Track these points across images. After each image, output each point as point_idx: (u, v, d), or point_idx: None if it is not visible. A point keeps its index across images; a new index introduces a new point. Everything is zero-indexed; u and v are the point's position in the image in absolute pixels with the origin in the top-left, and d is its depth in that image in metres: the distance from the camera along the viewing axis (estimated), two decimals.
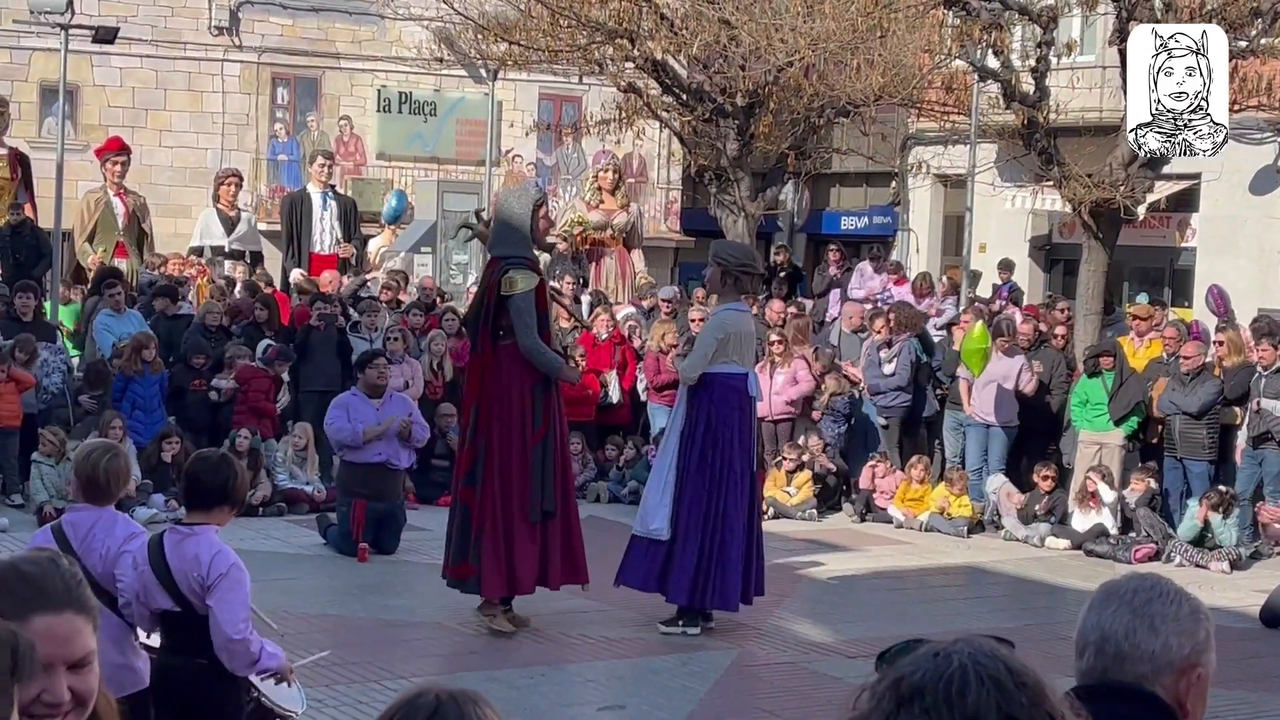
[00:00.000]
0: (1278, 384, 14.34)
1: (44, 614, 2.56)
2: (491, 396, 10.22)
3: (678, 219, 32.03)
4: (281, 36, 29.11)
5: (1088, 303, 16.93)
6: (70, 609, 2.57)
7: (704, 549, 10.28)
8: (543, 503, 10.19)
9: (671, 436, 10.64)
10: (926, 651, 1.93)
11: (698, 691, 9.13)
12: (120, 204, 19.05)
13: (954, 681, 1.87)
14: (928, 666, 1.90)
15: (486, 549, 10.10)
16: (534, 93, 30.25)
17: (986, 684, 1.86)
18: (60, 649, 2.54)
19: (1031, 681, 1.89)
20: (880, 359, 16.23)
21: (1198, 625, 2.93)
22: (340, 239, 19.76)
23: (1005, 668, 1.89)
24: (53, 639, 2.54)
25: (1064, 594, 12.46)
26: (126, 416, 14.16)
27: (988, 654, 1.90)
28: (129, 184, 19.75)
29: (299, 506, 14.35)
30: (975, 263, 24.20)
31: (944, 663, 1.89)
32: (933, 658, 1.91)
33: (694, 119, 20.86)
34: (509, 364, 10.24)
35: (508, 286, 10.15)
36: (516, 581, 10.24)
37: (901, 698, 1.89)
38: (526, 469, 10.17)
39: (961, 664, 1.88)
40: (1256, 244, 23.42)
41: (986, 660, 1.89)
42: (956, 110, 23.56)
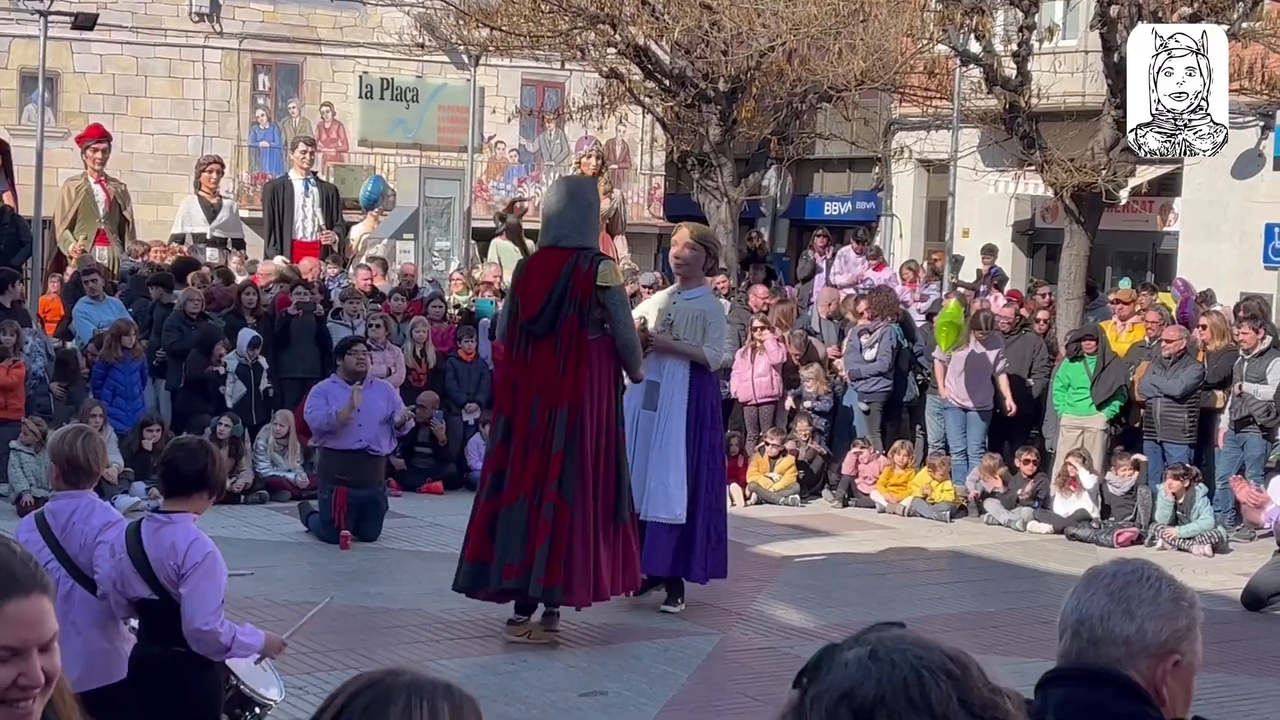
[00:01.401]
0: (1260, 368, 14.37)
1: (15, 599, 2.53)
2: (586, 395, 9.56)
3: (661, 205, 32.00)
4: (262, 23, 29.00)
5: (1070, 287, 16.95)
6: (37, 590, 2.56)
7: (710, 528, 10.58)
8: (629, 506, 9.89)
9: (675, 421, 10.56)
10: (858, 658, 1.86)
11: (680, 677, 9.13)
12: (101, 191, 18.97)
13: (911, 685, 1.81)
14: (875, 674, 1.84)
15: (577, 558, 9.47)
16: (516, 78, 30.18)
17: (940, 678, 1.82)
18: (33, 632, 2.53)
19: (972, 663, 1.87)
20: (861, 344, 16.23)
21: (1178, 612, 2.91)
22: (322, 226, 19.71)
23: (945, 656, 1.85)
24: (25, 623, 2.53)
25: (1045, 578, 12.48)
26: (107, 404, 14.12)
27: (924, 646, 1.85)
28: (110, 171, 19.67)
29: (281, 494, 14.32)
30: (958, 247, 24.25)
31: (890, 667, 1.84)
32: (873, 664, 1.84)
33: (676, 104, 20.83)
34: (604, 361, 9.70)
35: (608, 277, 9.64)
36: (600, 590, 9.68)
37: (858, 711, 1.82)
38: (614, 471, 9.72)
39: (910, 664, 1.83)
40: (1239, 228, 23.46)
41: (927, 654, 1.84)
42: (939, 95, 23.57)
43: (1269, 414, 14.25)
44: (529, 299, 9.68)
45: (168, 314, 15.65)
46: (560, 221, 9.76)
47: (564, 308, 9.55)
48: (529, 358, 9.67)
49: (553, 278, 9.60)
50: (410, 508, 14.15)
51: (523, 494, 9.56)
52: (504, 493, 9.61)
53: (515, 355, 9.78)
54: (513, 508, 9.57)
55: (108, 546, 5.91)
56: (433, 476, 15.29)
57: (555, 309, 9.58)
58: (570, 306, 9.55)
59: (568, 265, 9.57)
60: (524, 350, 9.70)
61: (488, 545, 9.66)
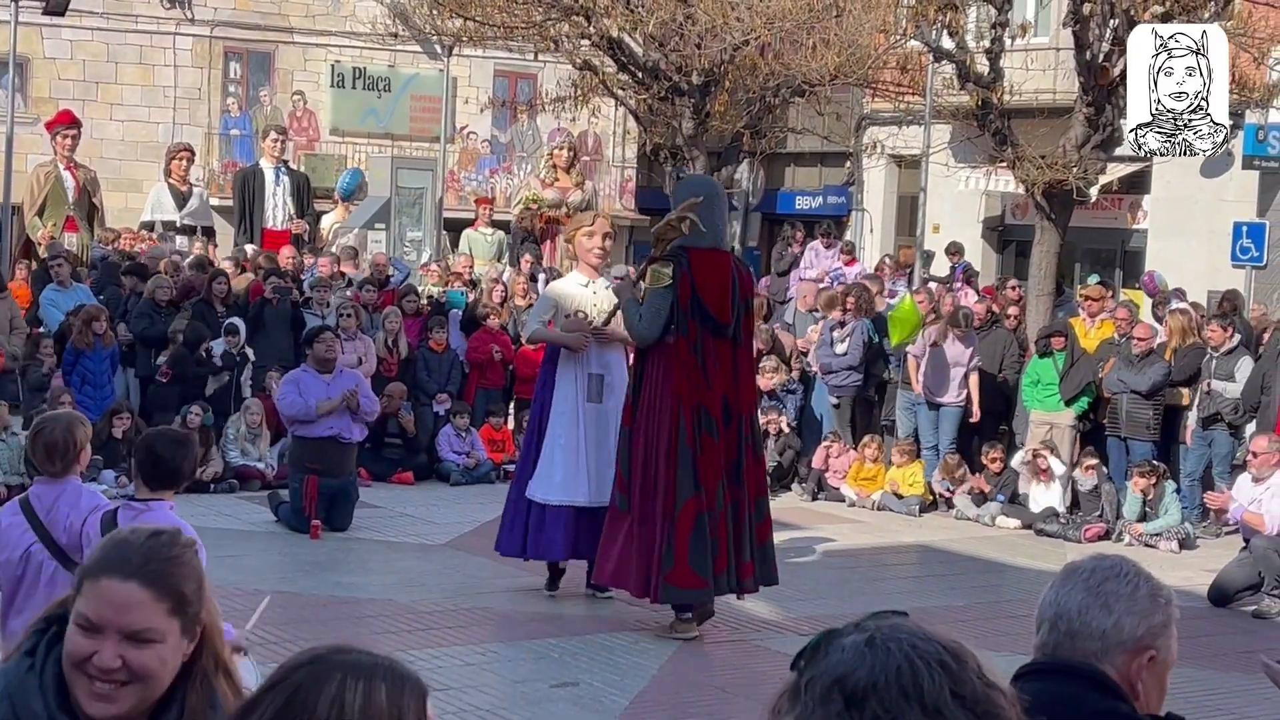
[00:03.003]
0: (1228, 365, 14.46)
1: (112, 577, 2.64)
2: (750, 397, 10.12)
3: (632, 197, 32.00)
4: (234, 10, 28.89)
5: (1040, 284, 17.03)
6: (137, 580, 2.64)
7: None
8: None
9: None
10: (855, 644, 1.86)
11: (650, 668, 9.15)
12: (70, 178, 18.89)
13: (904, 673, 1.81)
14: (870, 661, 1.84)
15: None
16: (489, 69, 30.15)
17: (934, 669, 1.82)
18: (114, 613, 2.62)
19: (969, 656, 1.87)
20: (833, 338, 16.28)
21: (1155, 608, 2.94)
22: (293, 214, 19.68)
23: (942, 647, 1.85)
24: (110, 603, 2.62)
25: (1013, 573, 12.55)
26: (76, 391, 14.06)
27: (922, 637, 1.85)
28: (79, 158, 19.59)
29: (251, 483, 14.29)
30: (929, 243, 24.28)
31: (885, 655, 1.84)
32: (869, 651, 1.85)
33: (649, 97, 20.85)
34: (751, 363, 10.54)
35: None
36: None
37: (850, 697, 1.83)
38: None
39: (905, 653, 1.83)
40: (1207, 226, 23.57)
41: (924, 645, 1.84)
42: (911, 91, 23.60)
43: (1236, 411, 14.35)
44: (717, 300, 9.74)
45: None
46: (718, 223, 10.07)
47: (739, 311, 9.87)
48: (712, 355, 9.75)
49: (730, 280, 9.78)
50: (380, 498, 14.14)
51: (727, 494, 9.70)
52: (704, 495, 9.61)
53: (690, 351, 9.72)
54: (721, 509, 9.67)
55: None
56: (403, 467, 15.27)
57: (737, 313, 9.85)
58: (742, 309, 9.90)
59: (734, 269, 9.96)
60: (702, 347, 9.73)
61: (712, 550, 9.62)
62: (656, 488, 9.61)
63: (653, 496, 9.60)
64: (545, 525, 10.37)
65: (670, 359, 9.66)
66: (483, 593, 10.71)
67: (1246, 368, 14.37)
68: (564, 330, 10.41)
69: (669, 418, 9.60)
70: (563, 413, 10.38)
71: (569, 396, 10.39)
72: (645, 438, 9.67)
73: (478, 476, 15.24)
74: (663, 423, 9.62)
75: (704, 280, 9.69)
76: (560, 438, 10.36)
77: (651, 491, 9.62)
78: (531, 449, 10.62)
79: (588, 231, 10.66)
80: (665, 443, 9.59)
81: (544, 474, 10.39)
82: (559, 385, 10.43)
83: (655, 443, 9.64)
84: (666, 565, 9.54)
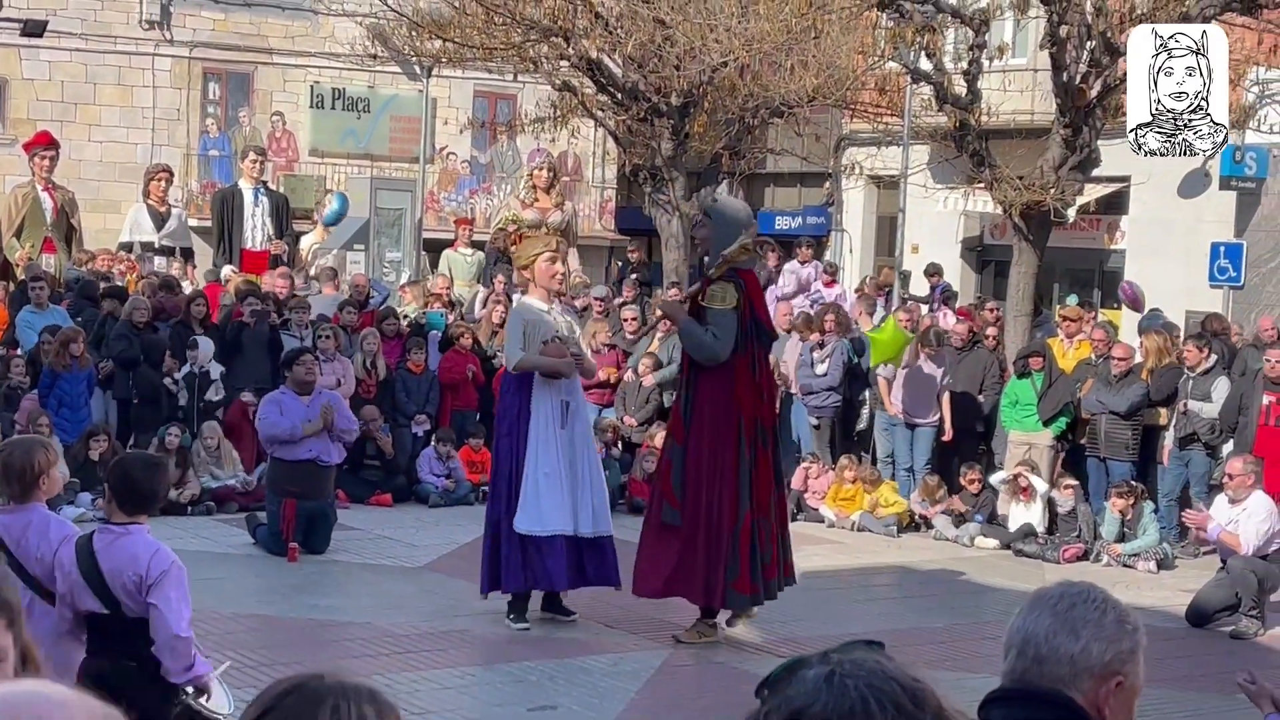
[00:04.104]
0: (1205, 386, 14.51)
1: None
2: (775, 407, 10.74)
3: (612, 218, 32.05)
4: (213, 31, 28.89)
5: (1018, 304, 17.07)
6: None
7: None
8: None
9: (591, 436, 10.94)
10: (816, 677, 1.88)
11: (628, 691, 9.13)
12: (49, 199, 18.84)
13: (856, 713, 1.83)
14: (825, 697, 1.85)
15: None
16: (469, 90, 30.18)
17: (888, 709, 1.83)
18: None
19: (930, 699, 1.88)
20: (813, 359, 16.30)
21: (1122, 634, 2.94)
22: (272, 235, 19.62)
23: (900, 688, 1.86)
24: None
25: (992, 594, 12.55)
26: (53, 414, 14.00)
27: (881, 675, 1.87)
28: (58, 179, 19.53)
29: (228, 505, 14.24)
30: (908, 263, 24.35)
31: (841, 692, 1.85)
32: (826, 685, 1.86)
33: (629, 118, 20.87)
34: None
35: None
36: None
37: None
38: None
39: (860, 692, 1.84)
40: (1185, 247, 23.67)
41: (882, 683, 1.85)
42: (890, 112, 23.70)
43: (1213, 432, 14.39)
44: (767, 315, 10.62)
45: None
46: (754, 245, 10.66)
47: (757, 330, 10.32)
48: (763, 369, 10.44)
49: (747, 302, 10.19)
50: (359, 520, 14.10)
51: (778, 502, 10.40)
52: (759, 505, 10.12)
53: (748, 368, 10.17)
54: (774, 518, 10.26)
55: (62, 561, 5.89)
56: (382, 489, 15.23)
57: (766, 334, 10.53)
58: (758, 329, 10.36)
59: None
60: (757, 363, 10.28)
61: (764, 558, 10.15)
62: (720, 500, 9.96)
63: (716, 509, 9.96)
64: (542, 556, 10.32)
65: (732, 376, 10.04)
66: (461, 615, 10.68)
67: (1223, 388, 14.41)
68: (544, 355, 10.40)
69: (733, 433, 9.99)
70: (544, 440, 10.33)
71: (548, 424, 10.36)
72: (705, 453, 10.02)
73: (456, 498, 15.21)
74: (727, 438, 9.99)
75: (757, 299, 10.36)
76: (544, 466, 10.30)
77: (715, 504, 9.96)
78: (505, 482, 10.41)
79: (550, 257, 10.67)
80: (730, 457, 9.98)
81: (530, 505, 10.28)
82: (536, 413, 10.35)
83: (719, 457, 9.99)
84: (733, 573, 9.99)
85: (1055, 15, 15.78)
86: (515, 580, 10.38)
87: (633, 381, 16.50)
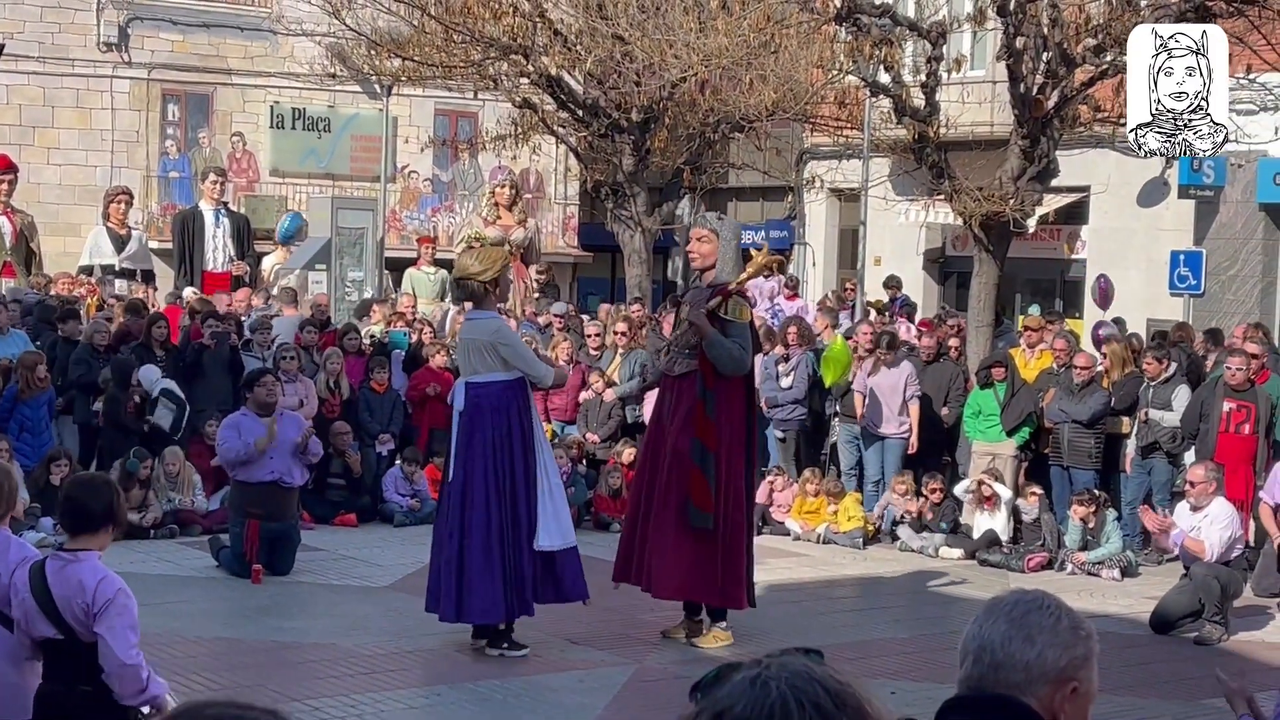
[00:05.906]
0: (1165, 394, 14.58)
1: None
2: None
3: (575, 234, 32.07)
4: (172, 52, 28.81)
5: (979, 315, 17.12)
6: None
7: None
8: None
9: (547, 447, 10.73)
10: (743, 680, 1.93)
11: (595, 708, 9.11)
12: (8, 223, 18.74)
13: (775, 712, 1.87)
14: (747, 697, 1.91)
15: None
16: (429, 108, 30.17)
17: (808, 710, 1.88)
18: None
19: (851, 701, 1.91)
20: (778, 372, 16.32)
21: (1076, 640, 2.96)
22: (233, 256, 19.56)
23: (823, 690, 1.90)
24: None
25: (958, 604, 12.56)
26: (14, 439, 13.91)
27: (805, 678, 1.91)
28: (16, 202, 19.43)
29: (191, 528, 14.15)
30: (870, 275, 24.42)
31: (763, 692, 1.90)
32: (750, 687, 1.92)
33: (590, 134, 20.91)
34: None
35: None
36: None
37: None
38: None
39: (781, 692, 1.89)
40: (1145, 255, 23.81)
41: (805, 685, 1.90)
42: (849, 125, 23.79)
43: (1174, 440, 14.47)
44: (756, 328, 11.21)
45: (73, 350, 15.41)
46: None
47: None
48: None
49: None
50: (323, 540, 14.04)
51: None
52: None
53: (751, 378, 10.91)
54: None
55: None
56: (346, 509, 15.16)
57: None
58: None
59: None
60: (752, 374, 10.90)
61: None
62: (744, 503, 10.52)
63: (740, 512, 10.43)
64: (559, 569, 10.23)
65: (744, 386, 10.57)
66: (426, 635, 10.63)
67: (1183, 396, 14.49)
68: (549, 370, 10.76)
69: (746, 438, 10.53)
70: (548, 452, 10.43)
71: (543, 438, 10.50)
72: (731, 459, 10.37)
73: (421, 518, 15.14)
74: (741, 443, 10.47)
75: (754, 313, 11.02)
76: (553, 477, 10.35)
77: (740, 507, 10.44)
78: (522, 502, 10.12)
79: (517, 271, 10.91)
80: (744, 462, 10.52)
81: (550, 520, 10.15)
82: (538, 428, 10.36)
83: (738, 463, 10.43)
84: (752, 572, 10.67)
85: (1011, 27, 15.86)
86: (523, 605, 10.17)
87: (593, 398, 16.49)
